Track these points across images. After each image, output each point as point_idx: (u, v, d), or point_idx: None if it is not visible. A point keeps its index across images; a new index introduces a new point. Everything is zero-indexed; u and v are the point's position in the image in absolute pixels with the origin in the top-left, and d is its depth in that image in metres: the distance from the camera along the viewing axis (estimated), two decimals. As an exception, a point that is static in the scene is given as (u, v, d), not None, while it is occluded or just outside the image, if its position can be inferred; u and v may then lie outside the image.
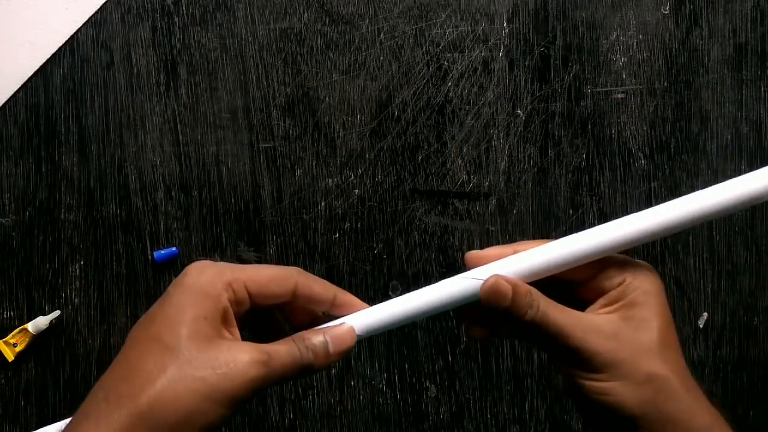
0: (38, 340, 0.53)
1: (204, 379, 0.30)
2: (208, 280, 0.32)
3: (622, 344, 0.32)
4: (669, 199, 0.51)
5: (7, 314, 0.54)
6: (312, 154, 0.53)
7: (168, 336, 0.31)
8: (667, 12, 0.52)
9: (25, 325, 0.52)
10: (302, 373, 0.33)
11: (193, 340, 0.31)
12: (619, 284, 0.33)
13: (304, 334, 0.35)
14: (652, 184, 0.52)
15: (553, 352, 0.34)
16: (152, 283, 0.54)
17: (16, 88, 0.54)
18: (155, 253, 0.53)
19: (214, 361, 0.30)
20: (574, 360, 0.32)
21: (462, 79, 0.53)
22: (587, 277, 0.34)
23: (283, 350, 0.33)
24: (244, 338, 0.34)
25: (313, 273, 0.54)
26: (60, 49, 0.54)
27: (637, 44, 0.52)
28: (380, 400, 0.53)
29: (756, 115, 0.52)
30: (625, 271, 0.34)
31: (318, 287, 0.36)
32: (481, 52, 0.53)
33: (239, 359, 0.31)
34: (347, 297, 0.37)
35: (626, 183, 0.52)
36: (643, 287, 0.33)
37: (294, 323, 0.37)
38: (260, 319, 0.37)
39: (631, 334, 0.32)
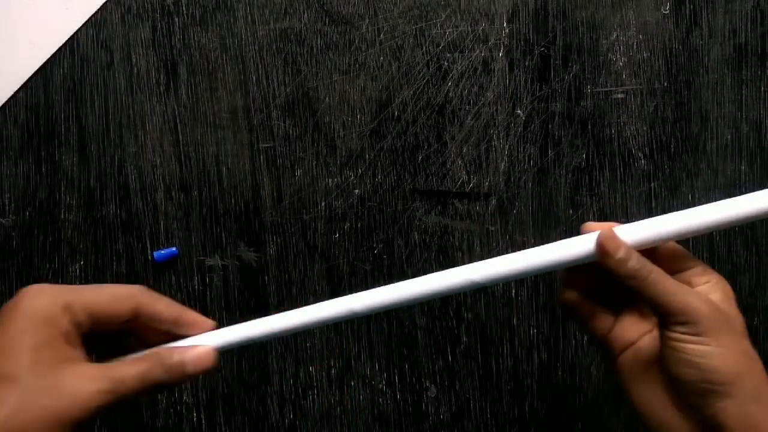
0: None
1: (47, 408, 0.30)
2: (44, 305, 0.32)
3: (724, 319, 0.34)
4: (669, 200, 0.52)
5: (7, 314, 0.54)
6: (312, 154, 0.53)
7: (8, 366, 0.31)
8: (667, 12, 0.52)
9: None
10: (156, 391, 0.35)
11: (35, 368, 0.31)
12: (705, 282, 0.36)
13: (161, 351, 0.35)
14: (652, 184, 0.52)
15: (655, 312, 0.36)
16: (152, 283, 0.54)
17: (16, 88, 0.54)
18: (155, 253, 0.53)
19: (60, 389, 0.31)
20: (678, 322, 0.34)
21: (462, 79, 0.53)
22: (675, 271, 0.37)
23: (132, 374, 0.33)
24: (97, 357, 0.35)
25: (313, 273, 0.54)
26: (60, 49, 0.54)
27: (637, 44, 0.52)
28: (380, 400, 0.53)
29: (756, 115, 0.52)
30: (708, 274, 0.37)
31: (161, 305, 0.36)
32: (481, 52, 0.53)
33: (85, 389, 0.31)
34: (192, 316, 0.37)
35: (626, 183, 0.52)
36: (726, 291, 0.36)
37: (145, 339, 0.37)
38: (109, 339, 0.37)
39: (727, 316, 0.35)
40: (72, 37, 0.54)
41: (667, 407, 0.35)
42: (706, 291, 0.36)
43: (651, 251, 0.37)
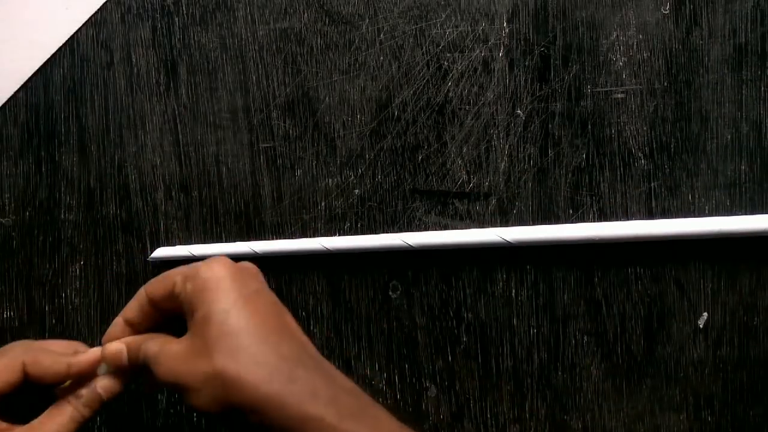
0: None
1: None
2: None
3: (189, 363, 0.33)
4: (669, 199, 0.52)
5: (7, 314, 0.54)
6: (312, 154, 0.53)
7: None
8: (667, 12, 0.52)
9: None
10: (86, 423, 0.37)
11: None
12: (180, 295, 0.36)
13: (79, 392, 0.37)
14: (652, 184, 0.52)
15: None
16: (152, 283, 0.54)
17: (16, 88, 0.54)
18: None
19: None
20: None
21: (462, 79, 0.53)
22: (163, 297, 0.37)
23: (63, 421, 0.36)
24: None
25: (314, 273, 0.54)
26: (60, 49, 0.54)
27: (637, 44, 0.52)
28: (380, 400, 0.53)
29: (756, 115, 0.52)
30: (186, 280, 0.36)
31: (47, 360, 0.37)
32: (481, 52, 0.53)
33: None
34: (84, 358, 0.38)
35: (626, 183, 0.52)
36: (195, 290, 0.35)
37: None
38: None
39: (194, 347, 0.33)
40: (72, 37, 0.54)
41: None
42: (186, 309, 0.37)
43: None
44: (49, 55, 0.54)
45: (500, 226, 0.52)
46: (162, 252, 0.53)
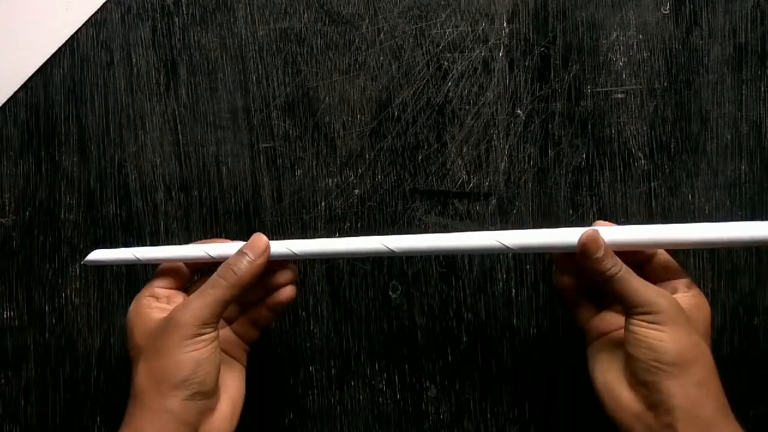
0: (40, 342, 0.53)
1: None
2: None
3: (683, 316, 0.40)
4: (669, 199, 0.52)
5: (7, 314, 0.54)
6: (312, 154, 0.53)
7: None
8: (667, 12, 0.52)
9: None
10: (240, 288, 0.43)
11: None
12: (685, 293, 0.43)
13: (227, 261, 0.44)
14: (652, 184, 0.52)
15: (620, 303, 0.42)
16: (152, 283, 0.54)
17: (16, 88, 0.54)
18: None
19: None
20: (641, 312, 0.40)
21: (462, 79, 0.53)
22: (664, 279, 0.44)
23: (207, 298, 0.42)
24: None
25: (313, 273, 0.54)
26: (60, 49, 0.54)
27: (637, 44, 0.52)
28: (380, 400, 0.53)
29: (756, 115, 0.52)
30: (692, 288, 0.43)
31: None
32: (481, 52, 0.53)
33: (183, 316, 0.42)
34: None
35: (626, 183, 0.52)
36: (699, 303, 0.42)
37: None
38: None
39: (687, 315, 0.41)
40: (72, 37, 0.54)
41: (623, 386, 0.41)
42: (681, 297, 0.42)
43: (646, 259, 0.44)
44: (49, 55, 0.54)
45: (500, 226, 0.52)
46: (98, 255, 0.48)
